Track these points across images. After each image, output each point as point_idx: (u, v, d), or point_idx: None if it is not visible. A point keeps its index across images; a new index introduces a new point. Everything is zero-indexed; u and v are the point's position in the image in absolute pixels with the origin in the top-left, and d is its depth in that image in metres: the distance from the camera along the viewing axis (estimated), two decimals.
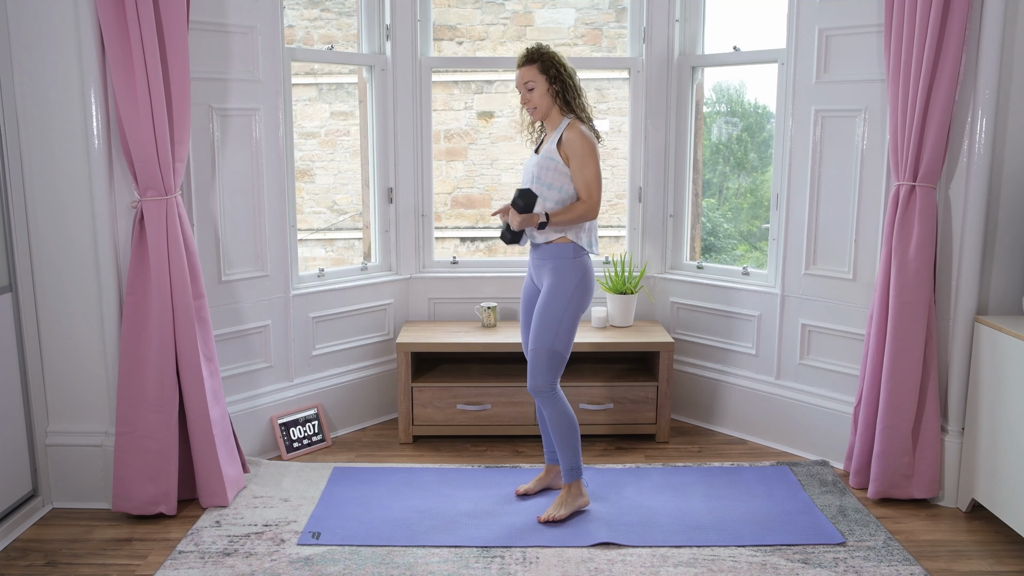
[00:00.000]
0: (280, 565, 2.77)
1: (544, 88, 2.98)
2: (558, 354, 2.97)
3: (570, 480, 3.08)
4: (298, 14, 8.07)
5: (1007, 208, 3.06)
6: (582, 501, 3.11)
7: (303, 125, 8.35)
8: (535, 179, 2.99)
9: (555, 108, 3.00)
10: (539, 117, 3.03)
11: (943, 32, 2.93)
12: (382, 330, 4.15)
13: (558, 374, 3.00)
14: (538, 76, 2.97)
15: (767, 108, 5.50)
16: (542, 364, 2.97)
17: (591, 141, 2.94)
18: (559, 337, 2.96)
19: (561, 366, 3.00)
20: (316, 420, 3.81)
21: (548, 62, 2.97)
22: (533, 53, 2.99)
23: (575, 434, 3.06)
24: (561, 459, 3.08)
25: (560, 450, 3.06)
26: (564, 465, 3.08)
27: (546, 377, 2.98)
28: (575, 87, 2.99)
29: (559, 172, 2.95)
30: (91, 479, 3.19)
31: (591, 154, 2.93)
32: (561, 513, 3.04)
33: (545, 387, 2.99)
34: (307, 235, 8.50)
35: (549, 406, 3.01)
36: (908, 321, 3.10)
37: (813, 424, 3.66)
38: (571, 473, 3.08)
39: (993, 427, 2.96)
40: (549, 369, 2.98)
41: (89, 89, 2.93)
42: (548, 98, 2.98)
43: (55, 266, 3.08)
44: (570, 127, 2.95)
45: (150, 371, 3.02)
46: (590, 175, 2.93)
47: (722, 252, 6.17)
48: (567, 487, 3.09)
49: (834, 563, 2.77)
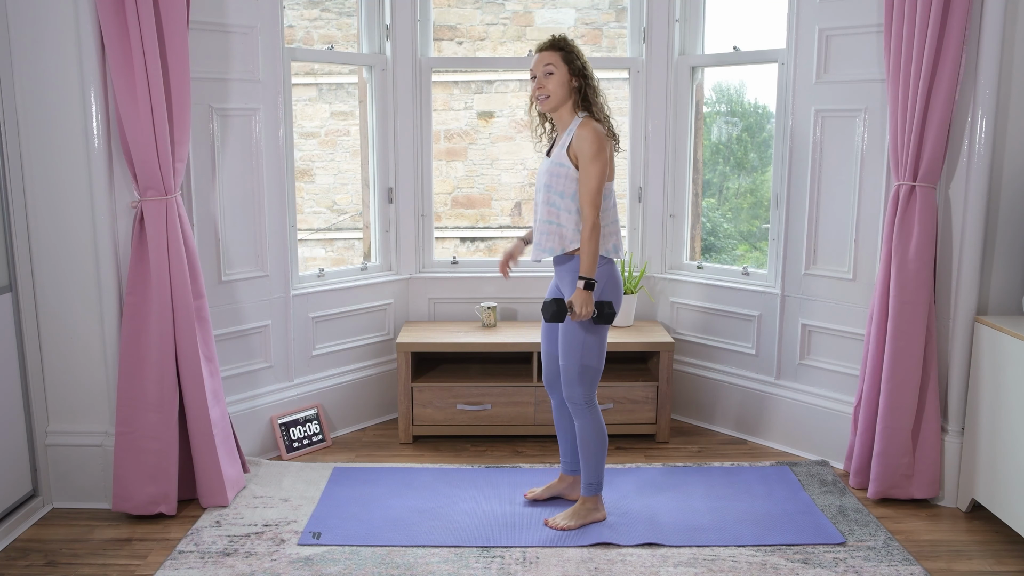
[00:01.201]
0: (280, 565, 2.77)
1: (564, 78, 2.81)
2: (589, 368, 2.87)
3: (589, 494, 3.01)
4: (298, 14, 8.07)
5: (1007, 208, 3.06)
6: (597, 516, 3.02)
7: (303, 125, 8.35)
8: (547, 188, 2.84)
9: (568, 104, 2.85)
10: (549, 107, 2.85)
11: (943, 32, 2.93)
12: (382, 330, 4.15)
13: (593, 387, 2.91)
14: (560, 64, 2.81)
15: (767, 108, 5.50)
16: (574, 378, 2.89)
17: (601, 140, 2.76)
18: (588, 351, 2.85)
19: (595, 378, 2.90)
20: (316, 420, 3.81)
21: (573, 53, 2.82)
22: (559, 41, 2.84)
23: (603, 449, 2.96)
24: (584, 471, 3.00)
25: (584, 461, 2.98)
26: (586, 478, 3.00)
27: (580, 390, 2.90)
28: (595, 86, 2.86)
29: (571, 179, 2.79)
30: (91, 479, 3.19)
31: (598, 155, 2.74)
32: (572, 524, 2.98)
33: (579, 400, 2.91)
34: (307, 235, 8.51)
35: (580, 417, 2.93)
36: (908, 321, 3.10)
37: (813, 424, 3.66)
38: (591, 487, 3.00)
39: (993, 427, 2.96)
40: (582, 383, 2.89)
41: (89, 89, 2.93)
42: (565, 89, 2.81)
43: (55, 266, 3.08)
44: (582, 124, 2.79)
45: (150, 371, 3.02)
46: (593, 185, 2.75)
47: (722, 252, 6.18)
48: (584, 500, 3.02)
49: (834, 563, 2.77)
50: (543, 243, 2.89)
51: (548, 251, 2.88)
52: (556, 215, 2.84)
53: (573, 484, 3.19)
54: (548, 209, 2.86)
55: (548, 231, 2.87)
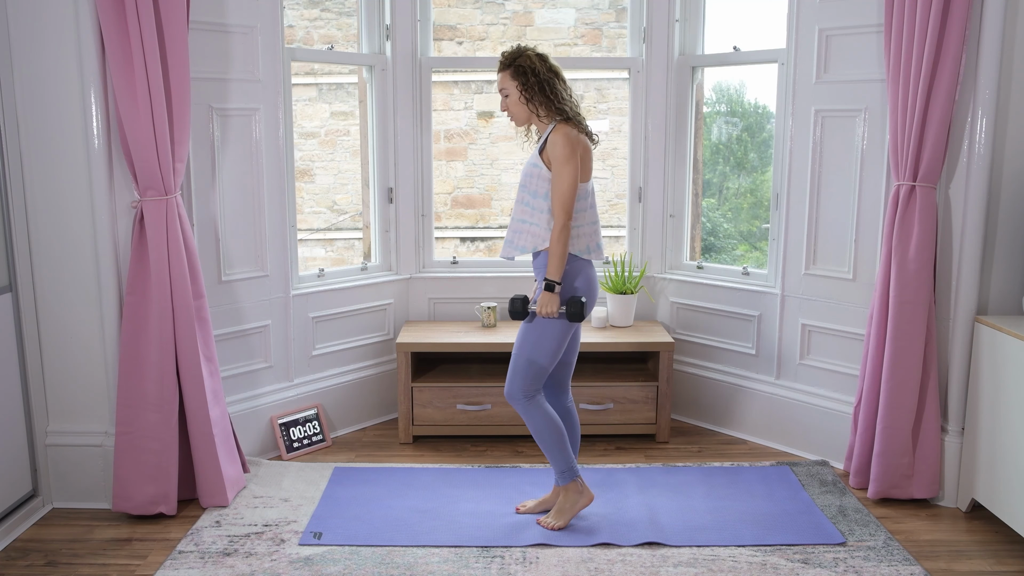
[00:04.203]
0: (280, 565, 2.77)
1: (516, 96, 2.85)
2: (535, 364, 2.85)
3: (565, 482, 2.98)
4: (298, 14, 8.07)
5: (1007, 208, 3.06)
6: (584, 500, 3.00)
7: (303, 125, 8.35)
8: (522, 187, 2.88)
9: (537, 115, 2.85)
10: (519, 124, 2.91)
11: (943, 32, 2.93)
12: (382, 330, 4.15)
13: (535, 383, 2.87)
14: (510, 83, 2.84)
15: (767, 108, 5.50)
16: (517, 370, 2.87)
17: (573, 145, 2.76)
18: (539, 347, 2.84)
19: (539, 376, 2.87)
20: (316, 420, 3.81)
21: (519, 67, 2.82)
22: (506, 59, 2.85)
23: (559, 436, 2.92)
24: (551, 462, 2.97)
25: (546, 453, 2.96)
26: (556, 468, 2.97)
27: (519, 383, 2.87)
28: (554, 88, 2.81)
29: (543, 179, 2.81)
30: (91, 479, 3.19)
31: (568, 160, 2.74)
32: (560, 523, 2.97)
33: (517, 394, 2.88)
34: (307, 235, 8.50)
35: (522, 412, 2.91)
36: (908, 321, 3.10)
37: (813, 424, 3.66)
38: (564, 475, 2.98)
39: (993, 427, 2.96)
40: (524, 376, 2.86)
41: (89, 89, 2.93)
42: (521, 107, 2.85)
43: (55, 266, 3.08)
44: (555, 130, 2.79)
45: (150, 371, 3.02)
46: (564, 189, 2.75)
47: (722, 252, 6.18)
48: (563, 491, 3.00)
49: (834, 563, 2.77)
50: (515, 241, 2.91)
51: (520, 249, 2.90)
52: (529, 214, 2.87)
53: None
54: (522, 208, 2.89)
55: (520, 229, 2.89)
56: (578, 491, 3.01)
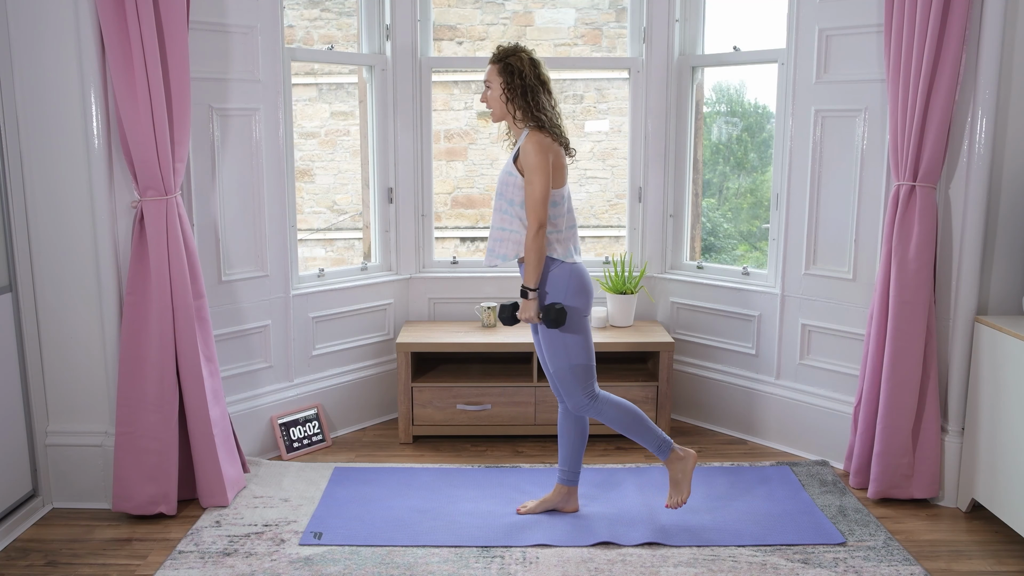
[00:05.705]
0: (280, 565, 2.77)
1: (497, 92, 2.86)
2: (579, 366, 2.88)
3: (666, 455, 2.98)
4: (298, 14, 8.07)
5: (1007, 208, 3.06)
6: (691, 462, 2.98)
7: (303, 125, 8.35)
8: (499, 195, 2.89)
9: (512, 116, 2.85)
10: (494, 119, 2.92)
11: (943, 32, 2.93)
12: (382, 330, 4.15)
13: (590, 383, 2.91)
14: (495, 78, 2.85)
15: (767, 108, 5.50)
16: (568, 382, 2.90)
17: (544, 153, 2.76)
18: (571, 351, 2.87)
19: (589, 375, 2.90)
20: (316, 420, 3.81)
21: (508, 65, 2.82)
22: (499, 53, 2.87)
23: (637, 419, 2.95)
24: (646, 446, 2.98)
25: (638, 441, 2.98)
26: (651, 447, 2.97)
27: (578, 390, 2.90)
28: (536, 96, 2.81)
29: (518, 187, 2.81)
30: (91, 479, 3.19)
31: (539, 168, 2.74)
32: (684, 496, 2.98)
33: (582, 403, 2.92)
34: (307, 235, 8.50)
35: (599, 415, 2.93)
36: (908, 321, 3.10)
37: (813, 424, 3.66)
38: (662, 449, 2.97)
39: (993, 427, 2.96)
40: (576, 383, 2.89)
41: (89, 89, 2.93)
42: (500, 104, 2.86)
43: (55, 266, 3.08)
44: (527, 138, 2.79)
45: (150, 371, 3.02)
46: (536, 197, 2.75)
47: (722, 252, 6.17)
48: (670, 463, 2.98)
49: (834, 563, 2.78)
50: (497, 249, 2.91)
51: (502, 257, 2.90)
52: (508, 221, 2.87)
53: (568, 496, 3.11)
54: (500, 216, 2.90)
55: (501, 237, 2.90)
56: (680, 457, 3.00)
